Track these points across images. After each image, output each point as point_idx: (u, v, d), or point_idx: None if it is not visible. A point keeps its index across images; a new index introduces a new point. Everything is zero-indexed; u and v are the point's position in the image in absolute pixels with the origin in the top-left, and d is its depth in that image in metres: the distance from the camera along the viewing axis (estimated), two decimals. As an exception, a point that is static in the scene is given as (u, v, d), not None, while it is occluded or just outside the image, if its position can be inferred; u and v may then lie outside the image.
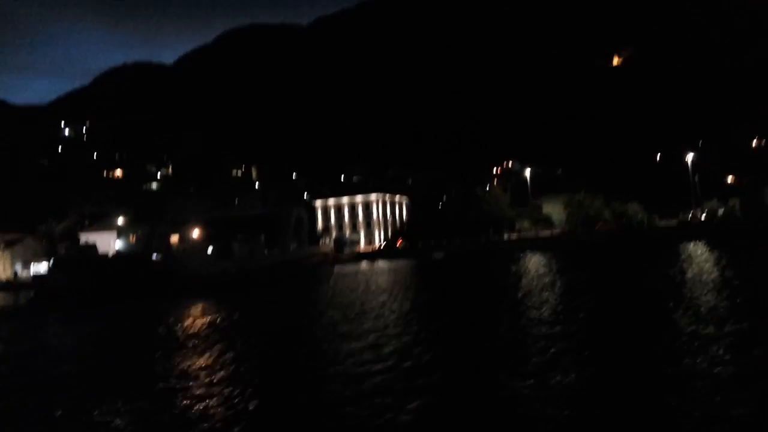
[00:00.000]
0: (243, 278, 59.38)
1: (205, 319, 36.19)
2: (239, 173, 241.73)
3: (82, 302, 56.80)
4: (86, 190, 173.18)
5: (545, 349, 19.56)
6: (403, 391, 15.80)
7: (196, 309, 43.02)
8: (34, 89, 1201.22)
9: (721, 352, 17.26)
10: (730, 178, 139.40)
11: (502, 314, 28.71)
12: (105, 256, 63.33)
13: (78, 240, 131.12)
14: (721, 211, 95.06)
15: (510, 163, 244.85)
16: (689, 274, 39.26)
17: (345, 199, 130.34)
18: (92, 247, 65.80)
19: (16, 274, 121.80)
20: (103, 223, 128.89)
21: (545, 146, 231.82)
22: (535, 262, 65.24)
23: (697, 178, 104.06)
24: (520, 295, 36.41)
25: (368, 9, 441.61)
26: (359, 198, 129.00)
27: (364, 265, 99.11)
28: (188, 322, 35.69)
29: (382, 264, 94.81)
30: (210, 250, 63.82)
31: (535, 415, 13.30)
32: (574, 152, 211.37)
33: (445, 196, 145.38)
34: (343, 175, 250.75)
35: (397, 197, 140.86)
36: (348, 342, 24.13)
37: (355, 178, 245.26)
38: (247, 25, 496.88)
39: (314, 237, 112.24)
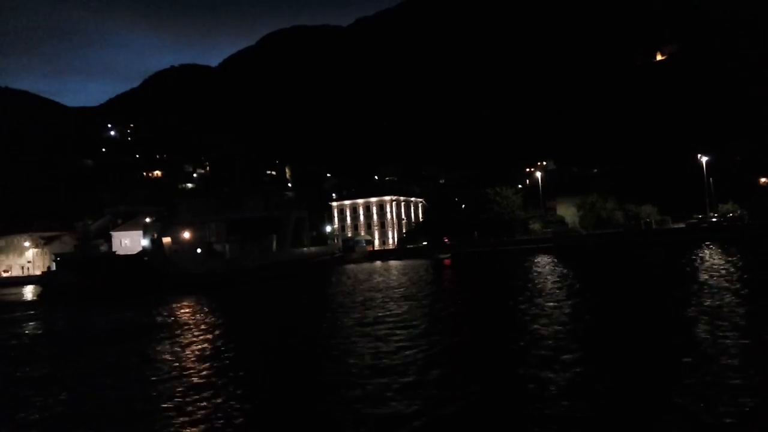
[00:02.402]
0: (228, 278, 62.29)
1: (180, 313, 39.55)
2: (274, 173, 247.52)
3: (83, 297, 61.15)
4: (123, 190, 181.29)
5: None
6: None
7: (178, 304, 46.19)
8: (88, 91, 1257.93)
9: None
10: (763, 180, 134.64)
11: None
12: (104, 256, 67.62)
13: (110, 238, 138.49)
14: (729, 214, 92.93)
15: (545, 162, 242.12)
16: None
17: (360, 201, 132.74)
18: (94, 247, 70.21)
19: (49, 268, 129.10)
20: (133, 222, 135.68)
21: (582, 146, 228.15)
22: (533, 263, 66.62)
23: (712, 181, 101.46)
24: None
25: (407, 10, 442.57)
26: (374, 199, 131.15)
27: (375, 264, 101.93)
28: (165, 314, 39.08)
29: (391, 263, 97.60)
30: (199, 250, 67.21)
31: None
32: (609, 152, 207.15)
33: (458, 198, 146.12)
34: (376, 176, 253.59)
35: (413, 199, 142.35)
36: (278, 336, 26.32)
37: (388, 178, 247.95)
38: (290, 27, 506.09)
39: (326, 237, 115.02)
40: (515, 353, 19.19)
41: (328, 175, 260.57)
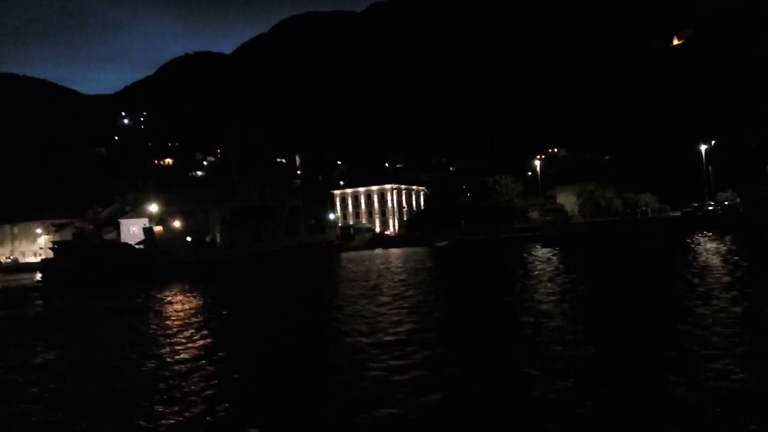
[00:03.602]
0: (217, 266, 64.02)
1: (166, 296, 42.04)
2: (284, 160, 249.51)
3: (79, 284, 63.41)
4: (133, 178, 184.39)
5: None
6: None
7: (167, 290, 48.55)
8: (104, 79, 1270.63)
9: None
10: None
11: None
12: (98, 244, 69.85)
13: (118, 225, 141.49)
14: (725, 203, 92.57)
15: (556, 150, 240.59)
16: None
17: (362, 189, 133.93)
18: (88, 235, 72.46)
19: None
20: (140, 209, 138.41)
21: (596, 132, 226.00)
22: (523, 250, 68.32)
23: (711, 169, 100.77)
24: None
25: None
26: (375, 188, 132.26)
27: (374, 251, 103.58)
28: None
29: (391, 251, 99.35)
30: (189, 239, 69.11)
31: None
32: (622, 138, 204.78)
33: (465, 186, 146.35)
34: (387, 163, 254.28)
35: (414, 187, 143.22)
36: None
37: (398, 165, 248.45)
38: (303, 13, 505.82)
39: (327, 225, 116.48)
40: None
41: (339, 162, 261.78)
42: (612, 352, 16.42)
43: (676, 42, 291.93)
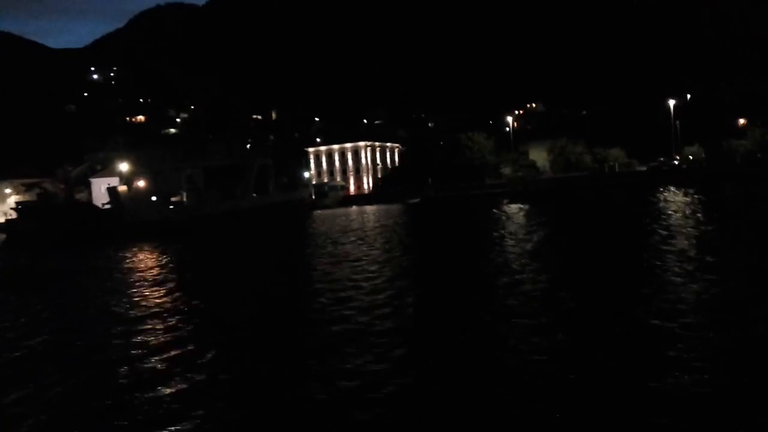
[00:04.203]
0: (181, 225, 63.97)
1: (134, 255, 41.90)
2: (258, 117, 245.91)
3: (45, 243, 63.13)
4: (104, 136, 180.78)
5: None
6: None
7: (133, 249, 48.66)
8: (72, 32, 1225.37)
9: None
10: (741, 121, 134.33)
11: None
12: (63, 204, 69.27)
13: (89, 184, 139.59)
14: (689, 157, 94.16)
15: (533, 104, 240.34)
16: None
17: (336, 147, 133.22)
18: (52, 195, 71.77)
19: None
20: (111, 169, 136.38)
21: (574, 87, 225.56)
22: (487, 204, 69.73)
23: (679, 124, 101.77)
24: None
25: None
26: (348, 145, 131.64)
27: (348, 209, 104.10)
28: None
29: (366, 208, 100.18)
30: (154, 198, 68.77)
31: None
32: (599, 93, 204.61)
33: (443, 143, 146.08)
34: (365, 120, 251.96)
35: (389, 144, 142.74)
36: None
37: (377, 122, 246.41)
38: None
39: (300, 184, 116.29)
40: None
41: (317, 119, 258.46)
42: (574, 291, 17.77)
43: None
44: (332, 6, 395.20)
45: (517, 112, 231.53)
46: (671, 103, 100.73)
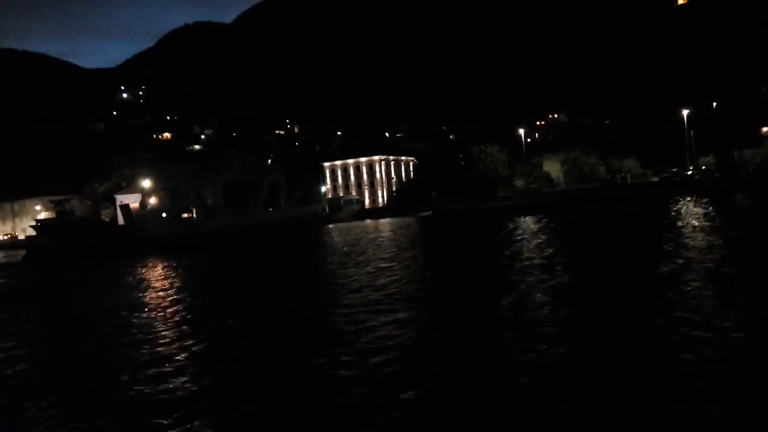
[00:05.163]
0: (191, 241, 66.00)
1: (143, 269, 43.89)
2: (281, 132, 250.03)
3: (62, 259, 65.88)
4: (131, 153, 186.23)
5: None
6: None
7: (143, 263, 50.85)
8: (105, 52, 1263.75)
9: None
10: (765, 129, 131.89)
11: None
12: (80, 220, 72.15)
13: (114, 201, 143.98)
14: (703, 168, 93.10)
15: (556, 115, 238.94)
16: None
17: (350, 161, 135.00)
18: (70, 212, 74.79)
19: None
20: (135, 185, 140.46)
21: (596, 97, 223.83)
22: (503, 219, 70.46)
23: (693, 134, 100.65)
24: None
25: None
26: (363, 159, 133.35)
27: (363, 222, 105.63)
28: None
29: (381, 221, 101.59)
30: (164, 215, 71.14)
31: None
32: (621, 102, 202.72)
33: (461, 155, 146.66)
34: (387, 133, 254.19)
35: (404, 158, 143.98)
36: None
37: (399, 135, 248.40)
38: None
39: (314, 198, 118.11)
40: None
41: (339, 133, 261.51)
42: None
43: (680, 1, 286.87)
44: (357, 21, 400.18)
45: (538, 122, 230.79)
46: (685, 113, 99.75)
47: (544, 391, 9.97)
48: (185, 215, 76.90)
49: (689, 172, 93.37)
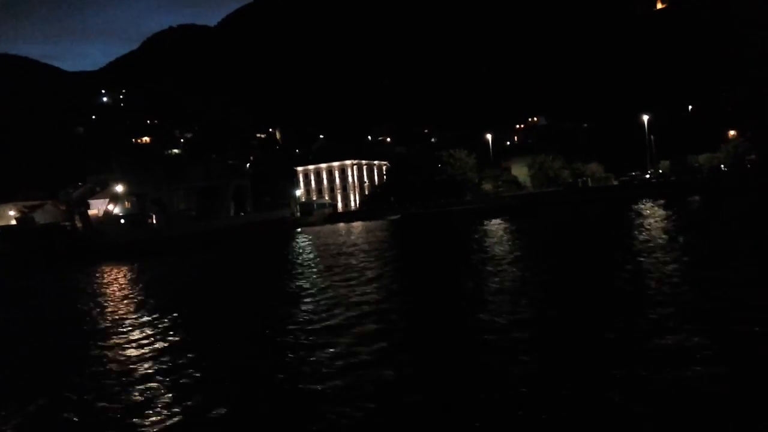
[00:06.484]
0: (149, 247, 66.84)
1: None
2: (262, 136, 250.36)
3: (21, 264, 66.51)
4: (108, 157, 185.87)
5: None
6: None
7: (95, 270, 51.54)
8: (89, 55, 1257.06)
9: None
10: (731, 132, 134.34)
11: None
12: (40, 226, 72.81)
13: (88, 206, 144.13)
14: (660, 171, 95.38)
15: (536, 118, 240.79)
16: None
17: (323, 165, 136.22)
18: (31, 219, 75.38)
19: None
20: (108, 190, 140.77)
21: (574, 101, 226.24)
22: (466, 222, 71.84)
23: (653, 138, 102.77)
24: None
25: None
26: (336, 164, 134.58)
27: (334, 226, 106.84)
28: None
29: (353, 224, 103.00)
30: (122, 221, 71.98)
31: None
32: (597, 106, 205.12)
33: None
34: (370, 136, 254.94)
35: (376, 162, 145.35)
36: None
37: (380, 138, 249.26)
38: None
39: (284, 202, 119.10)
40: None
41: (321, 136, 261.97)
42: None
43: (659, 6, 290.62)
44: (342, 24, 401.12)
45: (518, 126, 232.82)
46: (645, 118, 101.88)
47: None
48: (150, 221, 77.75)
49: (647, 176, 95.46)
